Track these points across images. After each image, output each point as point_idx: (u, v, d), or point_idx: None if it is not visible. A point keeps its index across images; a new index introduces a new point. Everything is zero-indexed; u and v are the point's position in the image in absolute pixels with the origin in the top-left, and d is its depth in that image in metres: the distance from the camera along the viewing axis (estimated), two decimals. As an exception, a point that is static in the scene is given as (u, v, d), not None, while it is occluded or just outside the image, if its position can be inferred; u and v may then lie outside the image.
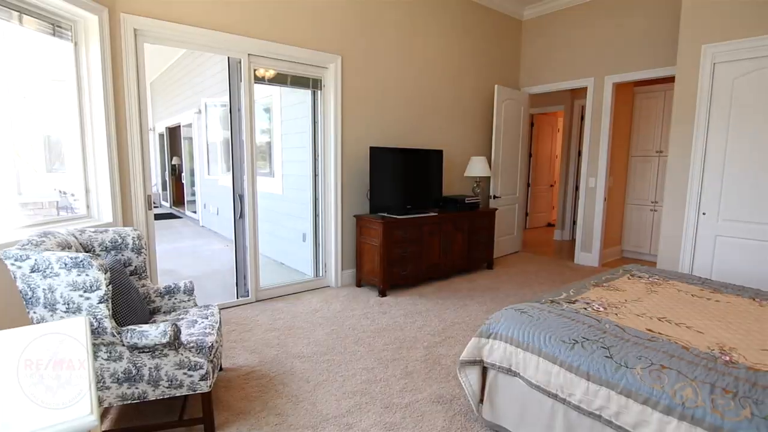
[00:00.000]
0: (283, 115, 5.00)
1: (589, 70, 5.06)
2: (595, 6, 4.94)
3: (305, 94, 4.12)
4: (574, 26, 5.14)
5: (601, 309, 2.04)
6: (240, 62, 3.41)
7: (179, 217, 9.24)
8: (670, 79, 4.68)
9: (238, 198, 3.55)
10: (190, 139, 8.28)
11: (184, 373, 1.81)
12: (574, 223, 6.61)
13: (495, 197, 5.37)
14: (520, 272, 4.84)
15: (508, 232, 5.71)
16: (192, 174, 8.70)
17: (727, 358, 1.53)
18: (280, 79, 3.82)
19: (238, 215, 3.58)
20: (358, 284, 4.18)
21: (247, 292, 3.66)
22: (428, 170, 4.45)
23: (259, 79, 3.70)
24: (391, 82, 4.36)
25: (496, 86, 5.18)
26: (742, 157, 3.42)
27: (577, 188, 6.61)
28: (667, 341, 1.66)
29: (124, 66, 2.85)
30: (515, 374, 1.81)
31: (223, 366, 2.53)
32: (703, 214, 3.63)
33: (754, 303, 2.19)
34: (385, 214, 4.03)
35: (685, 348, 1.60)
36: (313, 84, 3.95)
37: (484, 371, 1.97)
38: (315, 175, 4.15)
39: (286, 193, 5.03)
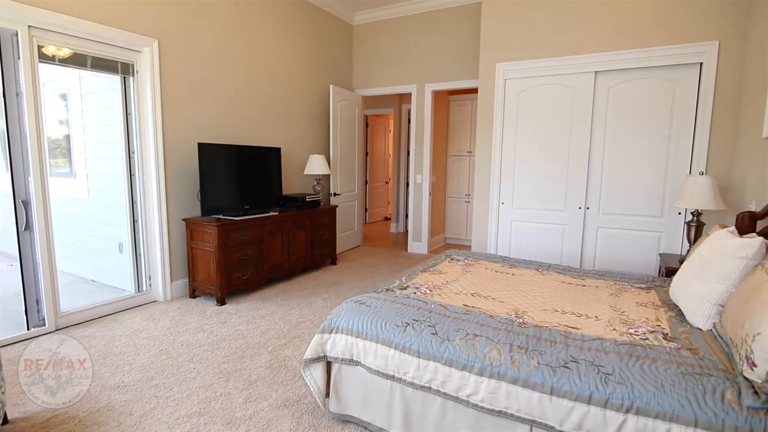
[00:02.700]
0: (85, 104, 4.18)
1: (413, 78, 5.58)
2: (415, 20, 5.47)
3: (114, 80, 3.53)
4: (399, 36, 5.60)
5: (428, 291, 2.28)
6: (16, 34, 2.72)
7: (-70, 233, 6.94)
8: (476, 90, 5.49)
9: (22, 204, 2.85)
10: (-57, 129, 6.29)
11: (-59, 438, 1.37)
12: (407, 216, 7.24)
13: (335, 194, 5.50)
14: (362, 265, 5.09)
15: (350, 227, 5.94)
16: (-51, 175, 6.63)
17: (521, 321, 1.88)
18: (77, 60, 3.19)
19: (23, 226, 2.87)
20: (192, 295, 3.80)
21: (43, 320, 2.97)
22: (267, 168, 4.30)
23: (49, 58, 3.02)
24: (224, 75, 4.06)
25: (331, 86, 5.30)
26: (526, 155, 4.24)
27: (407, 185, 7.26)
28: (479, 313, 1.95)
29: None
30: (357, 363, 1.89)
31: (8, 418, 2.01)
32: (502, 203, 4.39)
33: (537, 273, 2.74)
34: (221, 216, 3.75)
35: (491, 316, 1.90)
36: (122, 69, 3.41)
37: (329, 366, 2.00)
38: (131, 175, 3.60)
39: (94, 196, 4.24)
